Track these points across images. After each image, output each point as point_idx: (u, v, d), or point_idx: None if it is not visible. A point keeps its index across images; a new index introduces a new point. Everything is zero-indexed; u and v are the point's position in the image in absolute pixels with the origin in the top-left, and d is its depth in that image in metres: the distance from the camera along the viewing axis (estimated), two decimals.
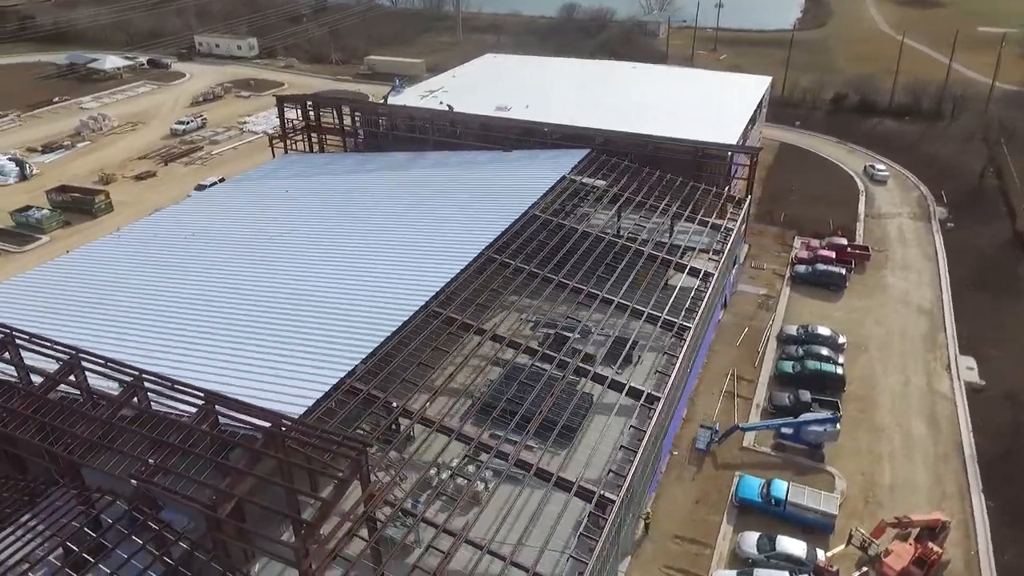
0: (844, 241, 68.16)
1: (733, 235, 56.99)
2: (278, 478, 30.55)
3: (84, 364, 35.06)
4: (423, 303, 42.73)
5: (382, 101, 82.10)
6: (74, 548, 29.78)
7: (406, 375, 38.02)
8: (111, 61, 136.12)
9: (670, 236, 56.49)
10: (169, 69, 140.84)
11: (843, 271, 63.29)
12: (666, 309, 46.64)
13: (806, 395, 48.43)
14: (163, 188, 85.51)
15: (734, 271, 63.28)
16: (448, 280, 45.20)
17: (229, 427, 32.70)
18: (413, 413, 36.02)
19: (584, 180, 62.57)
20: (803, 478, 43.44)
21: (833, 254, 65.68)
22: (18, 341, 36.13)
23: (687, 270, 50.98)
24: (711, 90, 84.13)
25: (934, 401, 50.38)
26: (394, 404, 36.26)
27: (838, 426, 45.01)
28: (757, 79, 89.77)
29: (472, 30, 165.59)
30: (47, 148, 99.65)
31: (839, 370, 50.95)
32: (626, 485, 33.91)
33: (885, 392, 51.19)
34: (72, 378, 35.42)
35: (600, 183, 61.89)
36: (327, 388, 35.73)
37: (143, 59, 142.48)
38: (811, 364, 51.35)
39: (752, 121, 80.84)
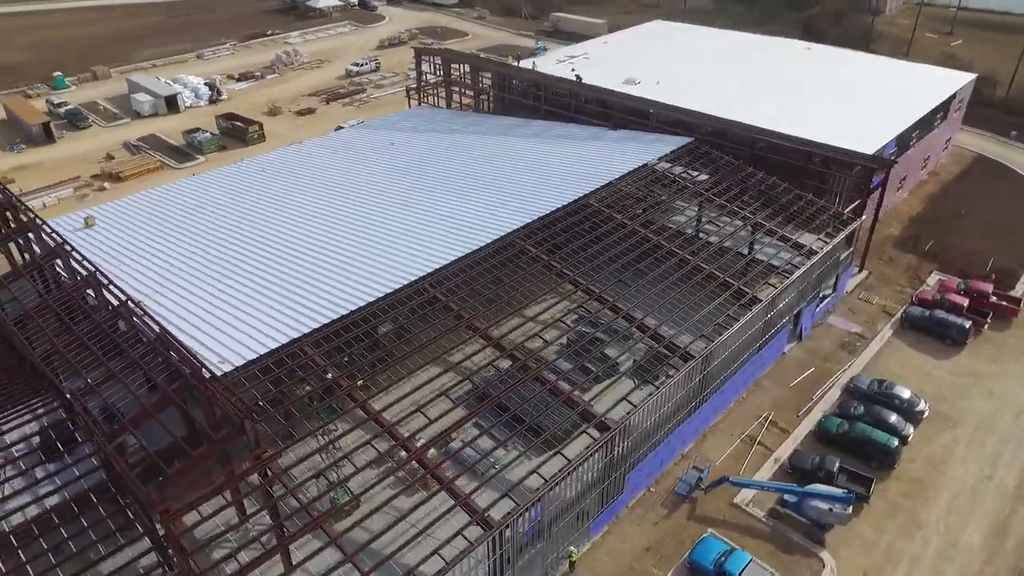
0: (990, 288, 55.61)
1: (818, 258, 48.93)
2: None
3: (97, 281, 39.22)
4: (409, 281, 42.13)
5: (514, 63, 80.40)
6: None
7: (350, 350, 37.89)
8: (325, 0, 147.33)
9: (748, 249, 50.06)
10: (375, 11, 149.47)
11: (966, 324, 51.85)
12: (681, 329, 41.75)
13: (834, 463, 40.98)
14: (315, 125, 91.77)
15: (827, 301, 54.65)
16: (449, 261, 44.05)
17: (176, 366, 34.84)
18: (341, 388, 35.93)
19: (673, 170, 57.13)
20: (785, 558, 37.21)
21: (966, 301, 53.94)
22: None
23: (733, 289, 44.96)
24: (882, 85, 71.85)
25: (1012, 510, 40.24)
26: (328, 376, 36.39)
27: (849, 509, 37.65)
28: (952, 76, 75.14)
29: None
30: (242, 77, 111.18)
31: (894, 442, 42.27)
32: (526, 519, 31.28)
33: (952, 483, 41.81)
34: (90, 292, 40.19)
35: (700, 176, 56.06)
36: (267, 349, 36.76)
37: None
38: (860, 428, 43.23)
39: (926, 127, 68.41)
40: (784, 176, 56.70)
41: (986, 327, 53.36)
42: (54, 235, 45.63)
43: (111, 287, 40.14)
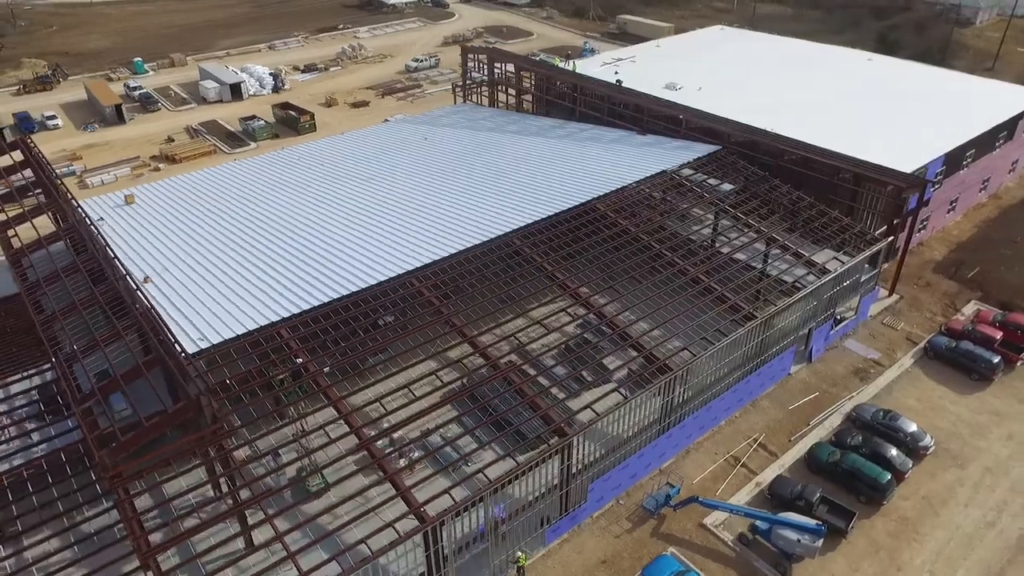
0: None
1: (829, 278, 46.72)
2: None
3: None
4: (396, 274, 42.76)
5: (561, 64, 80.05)
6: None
7: (325, 337, 38.70)
8: None
9: (763, 264, 48.36)
10: (447, 8, 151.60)
11: (995, 358, 48.28)
12: (665, 341, 40.76)
13: (815, 492, 38.98)
14: (366, 117, 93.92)
15: (846, 323, 52.01)
16: (439, 257, 44.43)
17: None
18: (308, 373, 36.80)
19: (694, 178, 55.70)
20: None
21: (999, 334, 50.21)
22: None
23: (728, 304, 43.51)
24: (940, 101, 67.82)
25: (1011, 561, 37.27)
26: (299, 360, 37.33)
27: (818, 542, 35.72)
28: (1020, 93, 69.90)
29: None
30: (307, 68, 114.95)
31: (885, 477, 39.81)
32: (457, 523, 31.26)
33: (947, 526, 39.09)
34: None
35: (724, 186, 54.54)
36: (245, 331, 38.10)
37: None
38: (852, 458, 40.95)
39: (985, 147, 64.27)
40: (815, 191, 54.41)
41: (1020, 364, 49.53)
42: (79, 211, 48.58)
43: (116, 261, 42.48)
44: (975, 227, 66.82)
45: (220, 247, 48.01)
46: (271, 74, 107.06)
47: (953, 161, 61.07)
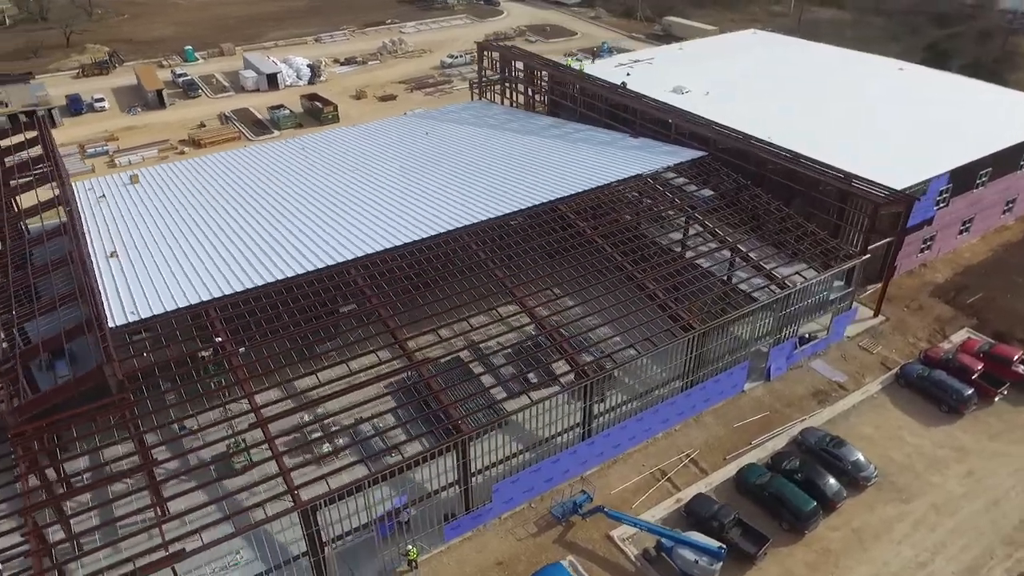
0: (1017, 355, 47.86)
1: (783, 294, 44.84)
2: None
3: None
4: (335, 262, 43.53)
5: (566, 63, 79.26)
6: None
7: (252, 319, 39.77)
8: None
9: (721, 273, 46.95)
10: (496, 7, 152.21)
11: (967, 390, 45.15)
12: (590, 347, 40.07)
13: (730, 514, 37.48)
14: (390, 110, 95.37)
15: (814, 343, 49.67)
16: (383, 248, 44.95)
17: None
18: (224, 352, 37.92)
19: (674, 183, 54.46)
20: None
21: (979, 365, 46.91)
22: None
23: (668, 313, 42.35)
24: (964, 114, 63.69)
25: None
26: (218, 339, 38.51)
27: (717, 565, 34.38)
28: None
29: (814, 1, 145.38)
30: (347, 61, 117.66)
31: (809, 505, 37.81)
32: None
33: (874, 560, 36.87)
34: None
35: (704, 192, 53.23)
36: (175, 307, 39.62)
37: None
38: (779, 483, 39.15)
39: (1007, 165, 60.47)
40: (803, 204, 52.28)
41: (998, 399, 46.16)
42: (68, 189, 51.41)
43: (82, 236, 44.80)
44: (991, 251, 62.52)
45: (192, 228, 49.77)
46: (309, 65, 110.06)
47: (962, 179, 57.30)
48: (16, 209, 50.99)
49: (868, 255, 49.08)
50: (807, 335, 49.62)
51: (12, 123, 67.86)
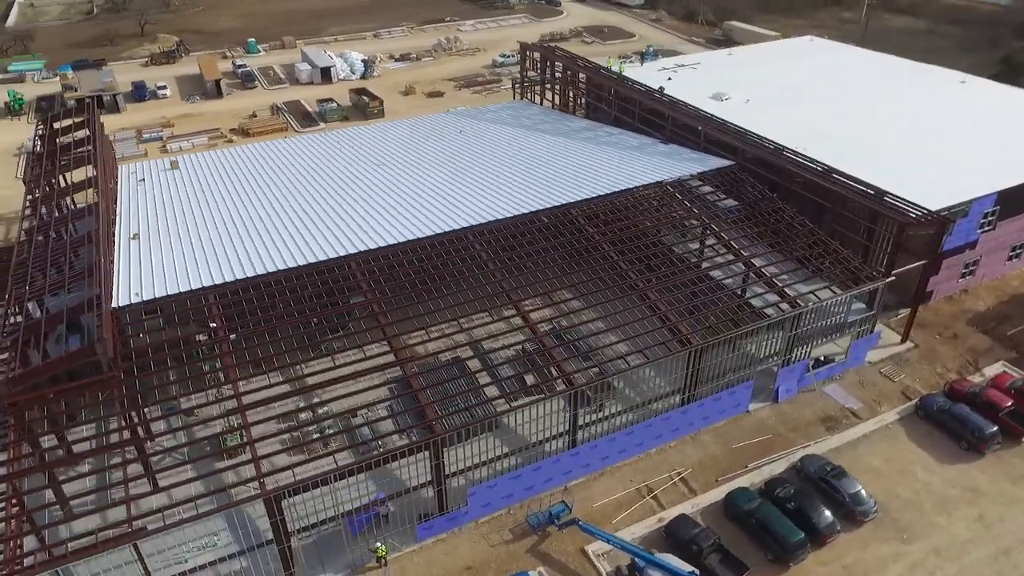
0: None
1: (792, 314, 42.94)
2: None
3: None
4: (335, 256, 44.03)
5: (607, 65, 78.06)
6: None
7: (248, 307, 40.58)
8: None
9: (729, 287, 45.47)
10: (557, 7, 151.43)
11: (990, 428, 42.19)
12: (580, 358, 39.29)
13: (709, 538, 36.09)
14: (435, 107, 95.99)
15: (830, 366, 47.42)
16: (385, 244, 45.22)
17: None
18: (216, 337, 38.81)
19: (698, 191, 53.08)
20: None
21: (1008, 402, 43.83)
22: None
23: (667, 326, 41.16)
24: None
25: None
26: (212, 324, 39.47)
27: None
28: None
29: (888, 9, 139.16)
30: (401, 57, 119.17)
31: (796, 536, 35.98)
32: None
33: None
34: None
35: (727, 202, 51.84)
36: (176, 291, 40.82)
37: None
38: (766, 510, 37.47)
39: None
40: (833, 221, 50.14)
41: None
42: (105, 171, 53.62)
43: (106, 217, 46.64)
44: None
45: (213, 215, 51.31)
46: (363, 61, 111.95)
47: (1013, 201, 53.59)
48: (57, 188, 53.47)
49: (892, 278, 46.44)
50: (822, 357, 47.40)
51: (79, 106, 71.18)
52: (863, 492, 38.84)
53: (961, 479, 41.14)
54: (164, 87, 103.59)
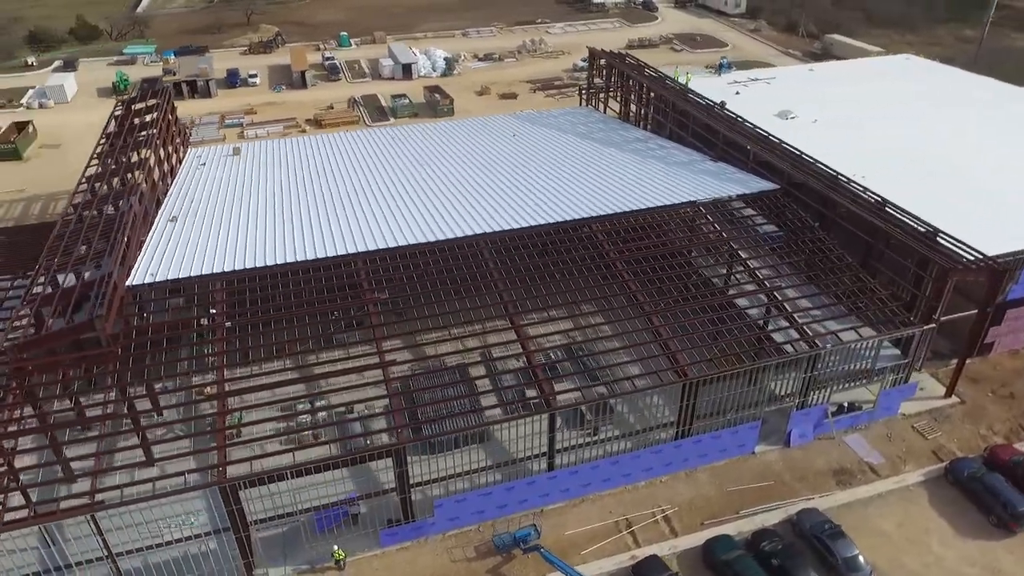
0: None
1: (806, 354, 39.89)
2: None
3: None
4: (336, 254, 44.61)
5: (674, 75, 75.26)
6: None
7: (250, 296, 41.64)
8: None
9: (762, 323, 43.04)
10: (654, 12, 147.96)
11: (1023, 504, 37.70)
12: (568, 381, 38.05)
13: None
14: (507, 108, 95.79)
15: (857, 415, 43.79)
16: (392, 246, 45.36)
17: None
18: (212, 323, 40.06)
19: (741, 213, 50.63)
20: None
21: None
22: None
23: (663, 355, 39.19)
24: None
25: None
26: (212, 310, 40.77)
27: None
28: None
29: (1020, 26, 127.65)
30: (485, 57, 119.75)
31: None
32: None
33: None
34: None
35: (767, 227, 49.41)
36: (185, 276, 42.40)
37: None
38: (745, 564, 34.89)
39: None
40: (881, 258, 46.49)
41: None
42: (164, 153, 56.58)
43: (144, 198, 49.18)
44: None
45: (250, 203, 53.13)
46: (445, 59, 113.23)
47: None
48: (109, 169, 56.77)
49: (933, 326, 42.27)
50: (846, 404, 43.80)
51: (176, 89, 74.99)
52: (861, 558, 35.54)
53: (982, 558, 36.93)
54: (255, 75, 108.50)
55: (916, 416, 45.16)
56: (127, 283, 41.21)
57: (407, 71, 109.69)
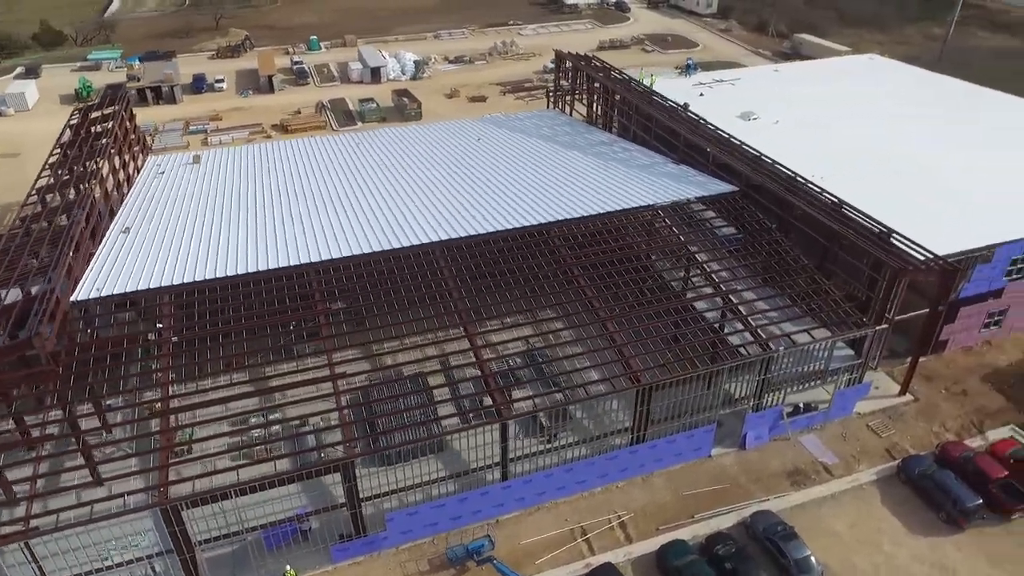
0: None
1: (757, 358, 39.97)
2: None
3: None
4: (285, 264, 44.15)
5: (639, 77, 75.35)
6: None
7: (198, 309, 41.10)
8: None
9: (720, 325, 42.91)
10: (626, 13, 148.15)
11: (973, 501, 37.94)
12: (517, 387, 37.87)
13: None
14: (475, 111, 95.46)
15: (810, 415, 43.96)
16: (344, 255, 44.94)
17: None
18: (159, 338, 39.50)
19: (700, 216, 50.69)
20: None
21: (1002, 473, 39.34)
22: None
23: (616, 362, 39.08)
24: None
25: None
26: (159, 324, 40.19)
27: None
28: None
29: (985, 27, 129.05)
30: (456, 59, 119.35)
31: None
32: None
33: None
34: None
35: (726, 230, 49.49)
36: (131, 290, 41.81)
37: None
38: (698, 568, 34.91)
39: None
40: (836, 258, 46.62)
41: (1017, 516, 38.47)
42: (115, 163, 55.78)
43: (93, 209, 48.41)
44: None
45: (203, 214, 52.25)
46: (415, 61, 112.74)
47: None
48: (60, 179, 55.86)
49: (885, 326, 42.55)
50: (801, 405, 43.97)
51: (111, 97, 74.24)
52: (812, 559, 35.70)
53: (932, 555, 37.20)
54: (222, 80, 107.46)
55: (871, 415, 45.46)
56: (72, 298, 40.53)
57: (376, 74, 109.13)
